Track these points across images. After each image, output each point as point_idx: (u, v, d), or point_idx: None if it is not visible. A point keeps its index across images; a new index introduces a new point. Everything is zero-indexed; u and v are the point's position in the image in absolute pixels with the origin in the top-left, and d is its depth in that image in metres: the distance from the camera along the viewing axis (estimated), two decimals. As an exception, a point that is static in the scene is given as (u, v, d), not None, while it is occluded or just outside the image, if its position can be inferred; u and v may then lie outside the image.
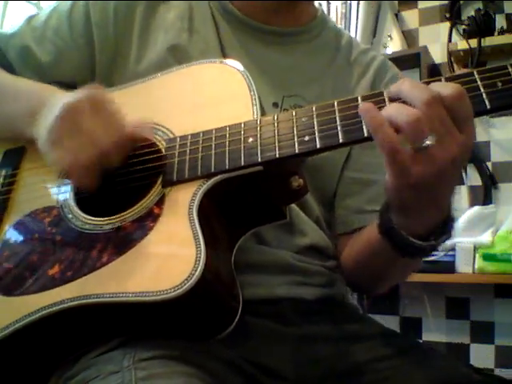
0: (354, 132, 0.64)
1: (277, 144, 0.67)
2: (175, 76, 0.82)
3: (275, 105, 0.88)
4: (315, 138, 0.66)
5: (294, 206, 0.85)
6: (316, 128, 0.66)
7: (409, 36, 2.69)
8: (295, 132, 0.67)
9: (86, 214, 0.74)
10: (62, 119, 0.70)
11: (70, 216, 0.75)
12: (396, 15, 2.73)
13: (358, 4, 2.67)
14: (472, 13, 2.48)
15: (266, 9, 0.93)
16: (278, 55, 0.93)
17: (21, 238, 0.76)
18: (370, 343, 0.81)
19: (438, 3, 2.64)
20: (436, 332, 2.46)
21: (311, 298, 0.84)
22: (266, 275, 0.81)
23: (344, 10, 2.71)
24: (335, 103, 0.67)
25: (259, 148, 0.68)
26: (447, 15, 2.57)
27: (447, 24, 2.58)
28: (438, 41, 2.63)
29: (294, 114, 0.69)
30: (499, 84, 0.61)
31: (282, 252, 0.83)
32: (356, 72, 0.97)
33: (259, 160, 0.67)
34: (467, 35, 2.43)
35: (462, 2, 2.58)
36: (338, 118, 0.65)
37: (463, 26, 2.50)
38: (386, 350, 0.79)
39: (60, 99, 0.73)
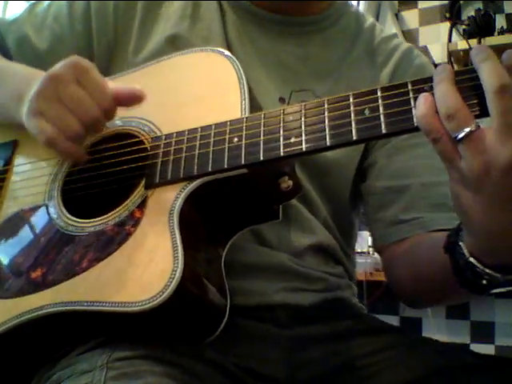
0: (342, 135, 0.59)
1: (262, 146, 0.63)
2: (165, 66, 0.79)
3: (282, 100, 0.82)
4: (301, 140, 0.61)
5: (299, 205, 0.82)
6: (303, 129, 0.61)
7: (409, 36, 2.68)
8: (281, 133, 0.63)
9: (70, 215, 0.72)
10: (43, 88, 0.68)
11: (55, 216, 0.73)
12: (396, 15, 2.72)
13: (358, 4, 2.66)
14: (472, 13, 2.47)
15: None
16: (289, 46, 0.87)
17: (7, 239, 0.75)
18: (361, 340, 0.78)
19: (438, 3, 2.63)
20: (436, 332, 2.44)
21: (308, 304, 0.81)
22: (261, 281, 0.78)
23: (344, 10, 2.71)
24: (325, 102, 0.62)
25: (243, 150, 0.64)
26: (447, 15, 2.57)
27: (447, 24, 2.57)
28: (438, 41, 2.62)
29: (282, 112, 0.64)
30: None
31: (281, 255, 0.80)
32: (377, 62, 0.89)
33: (243, 162, 0.64)
34: (467, 35, 2.42)
35: (462, 1, 2.57)
36: (326, 119, 0.60)
37: (463, 26, 2.49)
38: (375, 345, 0.77)
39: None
